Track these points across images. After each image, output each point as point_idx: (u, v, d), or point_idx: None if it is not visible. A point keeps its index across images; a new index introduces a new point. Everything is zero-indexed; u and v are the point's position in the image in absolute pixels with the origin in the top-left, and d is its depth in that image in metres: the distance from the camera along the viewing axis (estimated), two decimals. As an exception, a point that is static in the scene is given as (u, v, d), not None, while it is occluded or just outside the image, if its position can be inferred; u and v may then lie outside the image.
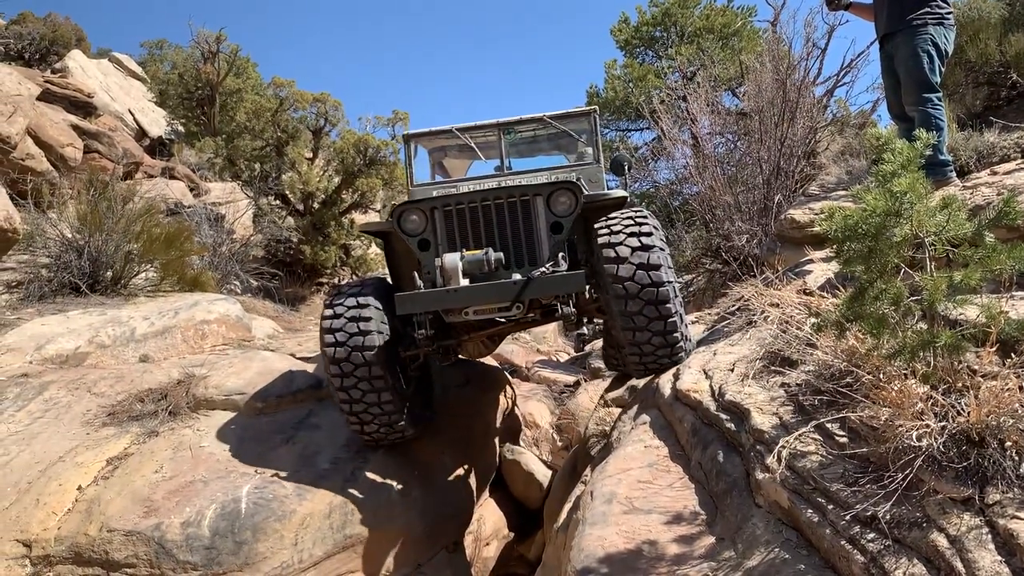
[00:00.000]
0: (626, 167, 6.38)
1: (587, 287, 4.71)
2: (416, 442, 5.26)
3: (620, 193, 4.82)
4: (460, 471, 5.84)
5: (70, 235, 8.23)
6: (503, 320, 4.99)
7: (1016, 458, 2.50)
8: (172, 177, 13.86)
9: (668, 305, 4.30)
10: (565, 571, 3.32)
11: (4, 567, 3.97)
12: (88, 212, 8.09)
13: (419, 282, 4.51)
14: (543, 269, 4.38)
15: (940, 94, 4.99)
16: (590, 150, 6.20)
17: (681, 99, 13.27)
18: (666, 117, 11.82)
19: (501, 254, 4.58)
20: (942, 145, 4.89)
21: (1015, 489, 2.45)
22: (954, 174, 4.88)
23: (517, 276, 4.47)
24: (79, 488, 4.46)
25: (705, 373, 4.17)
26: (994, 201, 3.50)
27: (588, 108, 6.27)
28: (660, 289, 4.25)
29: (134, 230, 8.39)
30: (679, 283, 4.62)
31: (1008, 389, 2.63)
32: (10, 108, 8.70)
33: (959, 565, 2.33)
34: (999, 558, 2.29)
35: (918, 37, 4.93)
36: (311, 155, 12.48)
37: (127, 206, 8.31)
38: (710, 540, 3.16)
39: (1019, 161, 5.03)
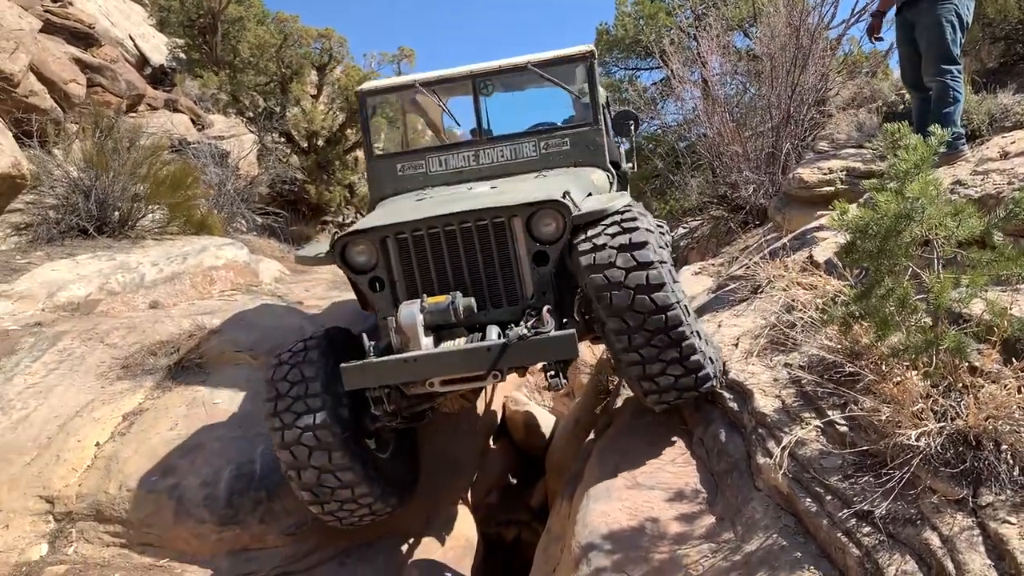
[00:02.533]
0: (632, 125, 5.48)
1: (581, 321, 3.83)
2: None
3: (621, 200, 3.82)
4: (465, 424, 5.98)
5: (76, 174, 8.22)
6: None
7: (1010, 461, 2.59)
8: (175, 110, 13.72)
9: (688, 342, 3.44)
10: (570, 545, 3.45)
11: (29, 522, 4.13)
12: (94, 154, 8.05)
13: (367, 344, 3.57)
14: (523, 331, 3.40)
15: (960, 66, 4.93)
16: (585, 101, 5.14)
17: (692, 38, 13.06)
18: (676, 58, 11.65)
19: (472, 300, 3.70)
20: (956, 117, 4.85)
21: (1008, 491, 2.55)
22: (966, 147, 4.87)
23: (495, 334, 3.59)
24: (97, 444, 4.58)
25: (710, 347, 4.24)
26: (1005, 191, 3.51)
27: (583, 51, 5.06)
28: (676, 330, 3.39)
29: (140, 172, 8.37)
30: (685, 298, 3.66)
31: (1008, 392, 2.70)
32: (12, 44, 8.57)
33: (950, 565, 2.44)
34: (988, 562, 2.40)
35: (942, 7, 4.83)
36: (315, 92, 12.36)
37: (132, 150, 8.26)
38: (710, 520, 3.28)
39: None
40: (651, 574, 3.07)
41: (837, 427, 3.14)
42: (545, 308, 3.57)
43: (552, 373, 3.62)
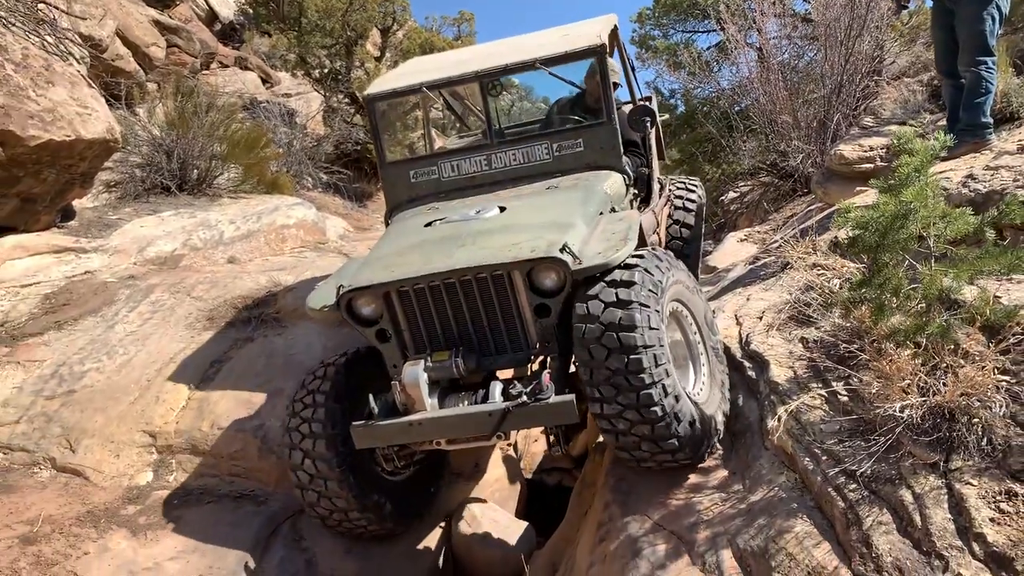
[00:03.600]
0: (648, 122, 5.10)
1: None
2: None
3: (625, 249, 3.67)
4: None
5: (159, 134, 8.88)
6: None
7: (979, 433, 2.99)
8: (245, 68, 14.33)
9: (668, 439, 3.48)
10: (600, 491, 3.96)
11: (136, 453, 4.79)
12: (176, 116, 8.69)
13: (373, 406, 3.71)
14: (523, 399, 3.46)
15: (995, 58, 5.11)
16: (597, 96, 5.00)
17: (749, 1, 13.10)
18: (732, 21, 11.77)
19: (473, 359, 3.79)
20: (987, 107, 5.07)
21: (975, 458, 2.96)
22: (992, 136, 5.09)
23: (498, 392, 3.63)
24: (190, 387, 5.22)
25: (736, 319, 4.66)
26: (1009, 188, 3.83)
27: (592, 45, 4.81)
28: (658, 425, 3.43)
29: (217, 133, 8.99)
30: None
31: (984, 372, 3.09)
32: (100, 11, 9.18)
33: (917, 518, 2.87)
34: (949, 516, 2.82)
35: (984, 0, 5.00)
36: (378, 54, 12.81)
37: (209, 113, 8.88)
38: (724, 473, 3.75)
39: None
40: (668, 517, 3.56)
41: (839, 397, 3.56)
42: (545, 373, 3.56)
43: (553, 438, 3.74)
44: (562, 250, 3.57)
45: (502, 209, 4.31)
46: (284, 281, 6.70)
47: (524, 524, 5.06)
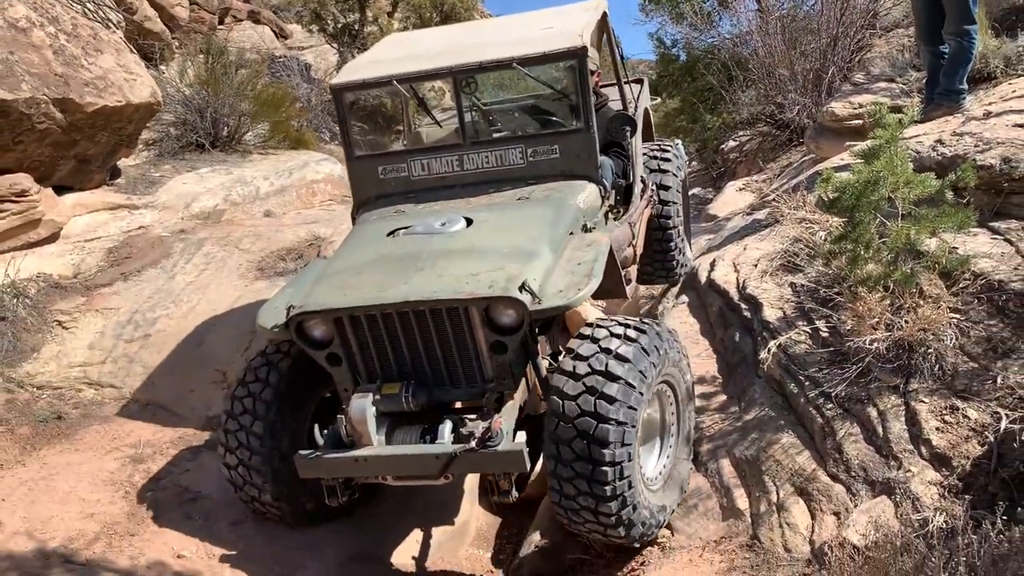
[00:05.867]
0: (628, 131, 4.89)
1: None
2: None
3: (585, 291, 3.55)
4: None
5: (189, 93, 9.40)
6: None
7: (932, 361, 3.66)
8: (257, 21, 14.70)
9: (612, 517, 3.43)
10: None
11: (210, 388, 5.44)
12: (208, 77, 9.22)
13: (318, 435, 3.60)
14: (472, 444, 3.37)
15: (977, 26, 5.53)
16: (575, 101, 4.64)
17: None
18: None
19: (424, 393, 3.65)
20: (964, 76, 5.54)
21: (928, 382, 3.63)
22: (966, 101, 5.61)
23: (447, 432, 3.49)
24: (251, 331, 5.87)
25: (734, 266, 5.29)
26: (971, 153, 4.43)
27: (572, 47, 4.42)
28: (608, 503, 3.39)
29: (245, 92, 9.52)
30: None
31: (939, 310, 3.75)
32: (128, -26, 9.64)
33: (880, 429, 3.57)
34: (905, 427, 3.52)
35: None
36: (390, 9, 13.20)
37: (237, 72, 9.39)
38: (723, 398, 4.44)
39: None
40: (676, 434, 4.25)
41: (820, 333, 4.23)
42: (496, 417, 3.46)
43: (504, 486, 3.56)
44: (521, 288, 3.45)
45: (469, 222, 4.14)
46: (321, 233, 7.32)
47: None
